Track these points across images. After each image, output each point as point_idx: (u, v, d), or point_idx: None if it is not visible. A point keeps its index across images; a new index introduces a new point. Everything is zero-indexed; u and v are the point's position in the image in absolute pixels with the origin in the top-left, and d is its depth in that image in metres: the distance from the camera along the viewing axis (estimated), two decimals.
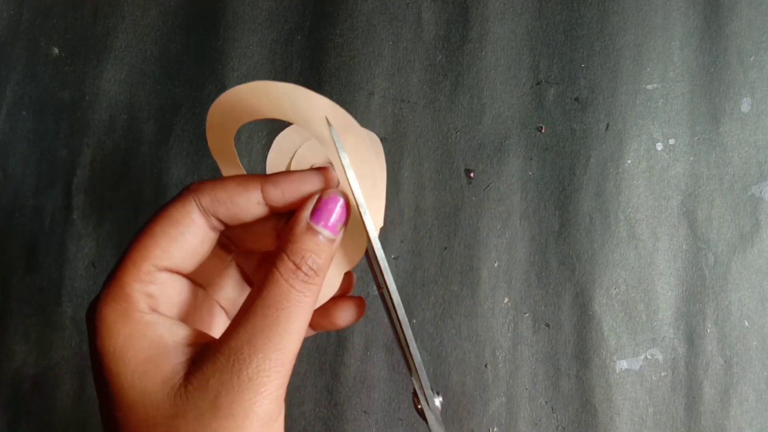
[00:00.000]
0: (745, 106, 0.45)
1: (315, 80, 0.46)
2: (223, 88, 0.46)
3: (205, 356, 0.23)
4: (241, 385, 0.22)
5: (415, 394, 0.29)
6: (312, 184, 0.26)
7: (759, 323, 0.43)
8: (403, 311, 0.27)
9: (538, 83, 0.46)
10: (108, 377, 0.23)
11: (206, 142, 0.28)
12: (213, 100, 0.28)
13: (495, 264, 0.44)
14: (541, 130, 0.45)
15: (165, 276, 0.25)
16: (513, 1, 0.46)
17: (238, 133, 0.46)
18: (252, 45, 0.47)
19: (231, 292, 0.30)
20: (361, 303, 0.30)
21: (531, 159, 0.45)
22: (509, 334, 0.44)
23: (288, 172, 0.27)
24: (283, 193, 0.26)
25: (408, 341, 0.27)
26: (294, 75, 0.46)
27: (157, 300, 0.25)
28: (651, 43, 0.46)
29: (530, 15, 0.46)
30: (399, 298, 0.27)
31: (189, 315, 0.27)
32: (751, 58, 0.45)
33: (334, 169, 0.27)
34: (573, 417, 0.43)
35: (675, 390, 0.43)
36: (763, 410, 0.43)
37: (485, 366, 0.43)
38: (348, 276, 0.30)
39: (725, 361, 0.43)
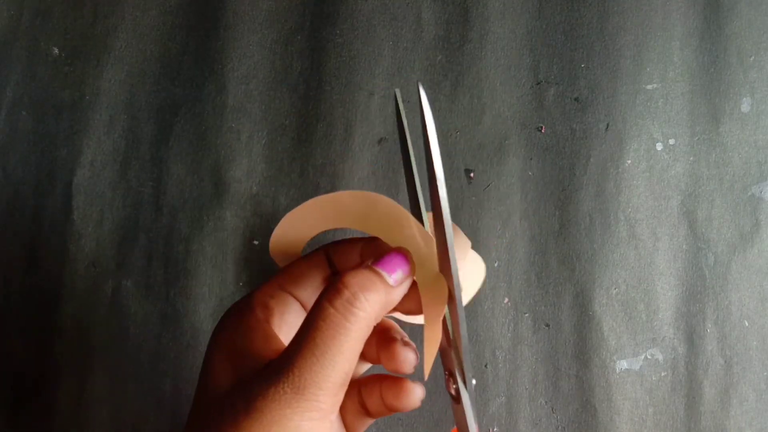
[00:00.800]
0: (745, 106, 0.45)
1: (315, 80, 0.46)
2: (223, 88, 0.46)
3: (266, 366, 0.26)
4: (276, 395, 0.24)
5: (450, 375, 0.29)
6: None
7: (759, 323, 0.43)
8: (460, 289, 0.27)
9: (538, 83, 0.46)
10: (206, 357, 0.28)
11: (206, 142, 0.28)
12: (213, 100, 0.28)
13: (495, 264, 0.44)
14: (541, 130, 0.45)
15: (286, 297, 0.29)
16: (513, 1, 0.46)
17: (238, 132, 0.46)
18: (252, 45, 0.47)
19: None
20: (413, 389, 0.30)
21: (531, 159, 0.45)
22: (509, 334, 0.44)
23: (384, 243, 0.29)
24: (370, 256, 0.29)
25: (459, 317, 0.27)
26: (294, 75, 0.46)
27: (271, 312, 0.28)
28: (651, 43, 0.46)
29: (530, 15, 0.46)
30: (458, 277, 0.27)
31: (288, 330, 0.29)
32: (751, 58, 0.45)
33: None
34: (573, 417, 0.43)
35: (675, 390, 0.43)
36: (763, 410, 0.43)
37: (485, 366, 0.43)
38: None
39: (725, 361, 0.43)
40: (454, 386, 0.29)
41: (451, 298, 0.27)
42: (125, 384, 0.44)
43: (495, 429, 0.43)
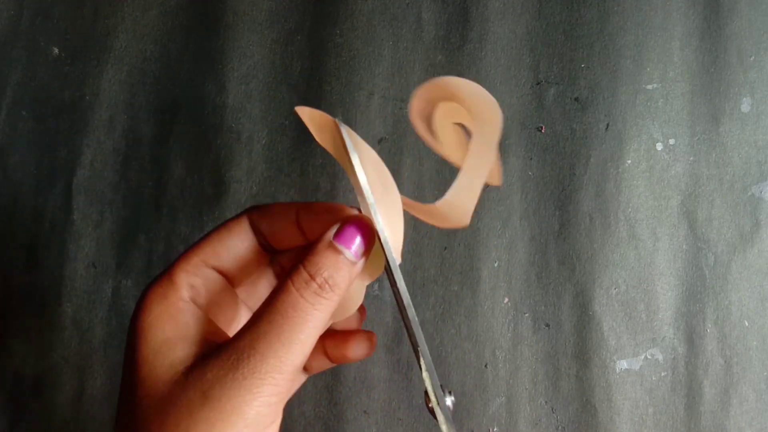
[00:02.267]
0: (745, 106, 0.45)
1: (315, 80, 0.46)
2: (223, 88, 0.46)
3: (212, 352, 0.24)
4: (234, 382, 0.23)
5: (426, 393, 0.29)
6: (339, 214, 0.28)
7: (759, 323, 0.43)
8: (413, 310, 0.27)
9: (538, 83, 0.46)
10: (131, 347, 0.25)
11: (206, 142, 0.28)
12: (213, 100, 0.28)
13: (495, 264, 0.44)
14: (541, 130, 0.45)
15: (209, 272, 0.27)
16: (513, 1, 0.46)
17: (238, 132, 0.46)
18: (252, 45, 0.47)
19: (263, 294, 0.31)
20: (371, 337, 0.30)
21: (531, 159, 0.45)
22: (509, 334, 0.44)
23: (321, 203, 0.28)
24: (312, 222, 0.28)
25: (418, 340, 0.27)
26: (294, 75, 0.46)
27: (198, 291, 0.27)
28: (651, 43, 0.46)
29: (530, 15, 0.46)
30: (409, 297, 0.27)
31: (220, 312, 0.28)
32: (751, 58, 0.45)
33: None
34: (573, 417, 0.43)
35: (675, 390, 0.43)
36: (763, 410, 0.43)
37: (485, 366, 0.43)
38: (360, 309, 0.31)
39: (725, 361, 0.43)
40: (430, 405, 0.29)
41: (405, 316, 0.27)
42: None
43: (495, 429, 0.43)
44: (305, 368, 0.32)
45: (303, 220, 0.28)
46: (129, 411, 0.24)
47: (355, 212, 0.28)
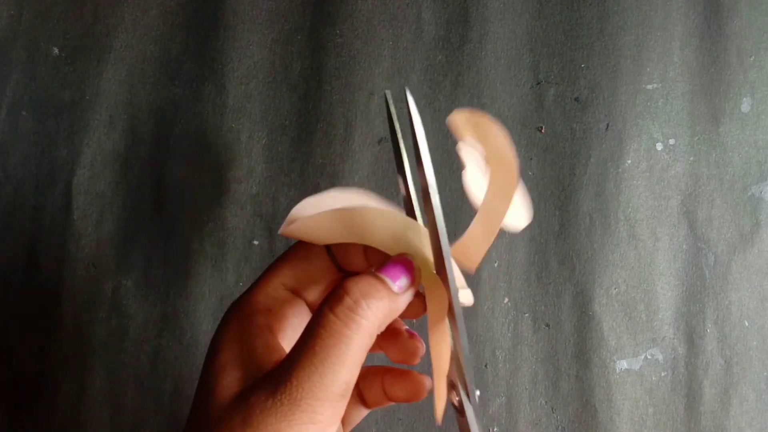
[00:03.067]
0: (745, 106, 0.45)
1: (315, 80, 0.46)
2: (223, 88, 0.46)
3: (265, 377, 0.25)
4: (272, 409, 0.23)
5: (452, 386, 0.28)
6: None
7: (759, 323, 0.43)
8: (458, 300, 0.26)
9: (538, 83, 0.46)
10: (207, 361, 0.26)
11: (206, 142, 0.28)
12: (213, 100, 0.28)
13: (495, 264, 0.44)
14: (541, 130, 0.45)
15: (287, 295, 0.28)
16: (513, 1, 0.46)
17: (238, 132, 0.46)
18: (252, 45, 0.47)
19: None
20: (423, 381, 0.30)
21: (531, 159, 0.45)
22: (509, 334, 0.44)
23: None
24: (374, 251, 0.28)
25: (460, 331, 0.26)
26: (294, 75, 0.46)
27: (274, 315, 0.27)
28: (651, 43, 0.46)
29: (530, 15, 0.46)
30: (456, 285, 0.26)
31: (295, 336, 0.27)
32: (751, 58, 0.45)
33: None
34: (573, 417, 0.43)
35: (675, 390, 0.43)
36: (763, 410, 0.43)
37: (485, 366, 0.43)
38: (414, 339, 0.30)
39: (725, 361, 0.43)
40: (457, 398, 0.28)
41: (450, 308, 0.26)
42: (125, 384, 0.44)
43: (495, 429, 0.43)
44: (364, 401, 0.31)
45: (369, 255, 0.28)
46: (192, 425, 0.25)
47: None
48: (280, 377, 0.24)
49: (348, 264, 0.29)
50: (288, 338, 0.28)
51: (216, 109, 0.46)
